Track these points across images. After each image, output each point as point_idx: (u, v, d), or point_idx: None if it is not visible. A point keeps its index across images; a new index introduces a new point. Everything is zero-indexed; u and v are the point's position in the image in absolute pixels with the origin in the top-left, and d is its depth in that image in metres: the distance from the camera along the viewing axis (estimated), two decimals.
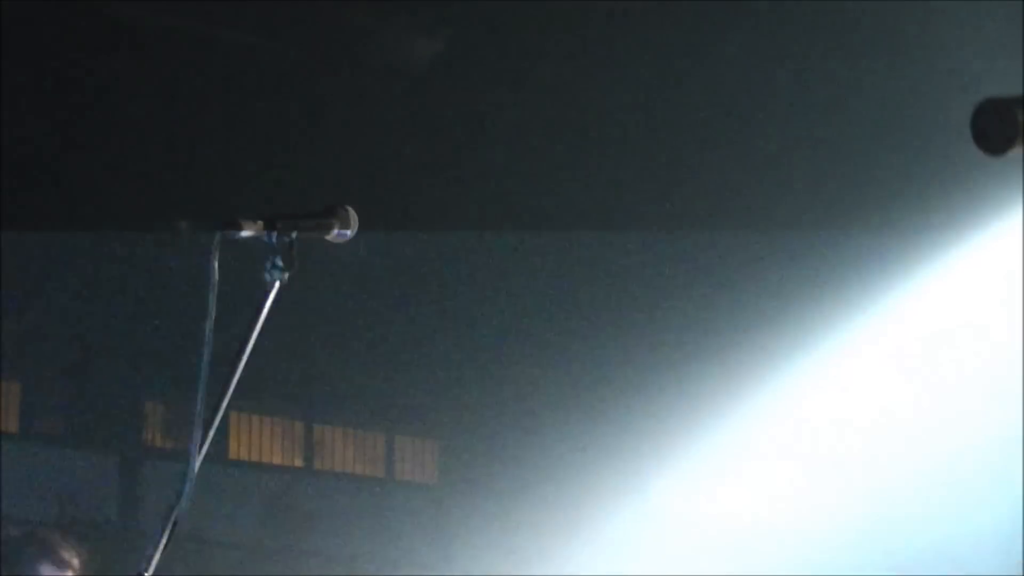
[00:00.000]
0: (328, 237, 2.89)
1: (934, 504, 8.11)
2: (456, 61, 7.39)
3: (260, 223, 2.77)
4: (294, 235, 2.82)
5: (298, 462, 9.69)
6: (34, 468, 8.63)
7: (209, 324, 2.61)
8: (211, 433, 2.67)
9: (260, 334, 2.75)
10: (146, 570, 2.67)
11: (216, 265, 2.63)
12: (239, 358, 2.69)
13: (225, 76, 7.31)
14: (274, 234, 2.79)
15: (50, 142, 7.49)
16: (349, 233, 2.91)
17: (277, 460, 9.63)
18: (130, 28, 7.01)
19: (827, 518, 8.38)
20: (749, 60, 7.36)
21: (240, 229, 2.74)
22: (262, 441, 9.54)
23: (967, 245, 7.91)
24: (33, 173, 7.59)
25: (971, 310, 7.98)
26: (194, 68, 7.24)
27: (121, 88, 7.25)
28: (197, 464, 2.68)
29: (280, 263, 2.78)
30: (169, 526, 2.67)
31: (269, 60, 7.33)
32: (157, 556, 2.67)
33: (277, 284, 2.79)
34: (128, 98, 7.30)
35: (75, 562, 4.69)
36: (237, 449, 9.39)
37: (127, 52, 7.08)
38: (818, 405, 8.43)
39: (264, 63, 7.32)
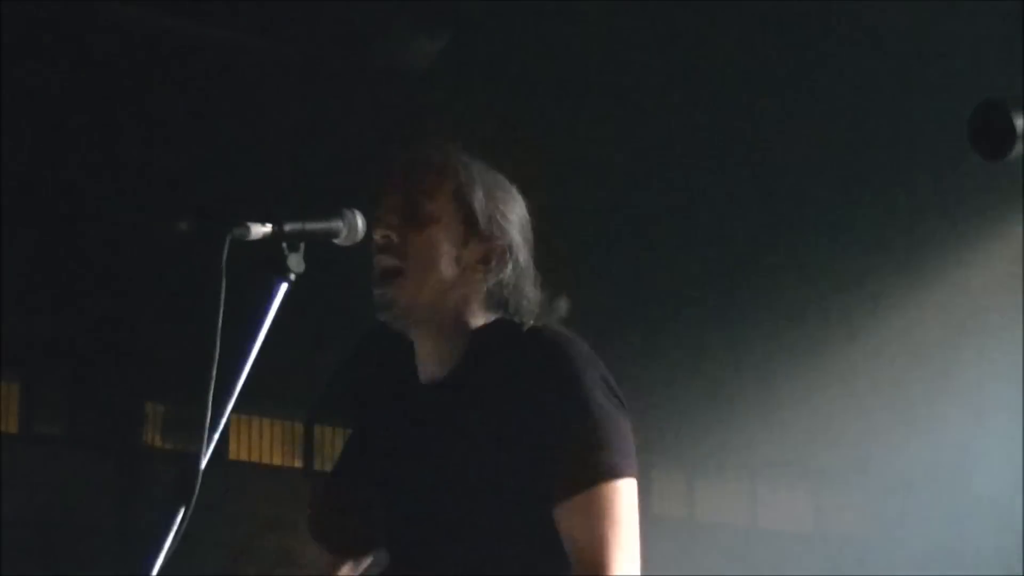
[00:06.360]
0: (336, 240, 2.90)
1: (934, 505, 8.11)
2: (459, 62, 7.39)
3: (268, 225, 2.77)
4: (302, 238, 2.83)
5: (298, 462, 9.69)
6: (34, 468, 8.63)
7: (218, 326, 2.61)
8: (216, 435, 2.68)
9: (264, 336, 2.75)
10: (147, 571, 2.67)
11: (224, 267, 2.63)
12: (245, 360, 2.70)
13: (229, 77, 7.31)
14: (283, 237, 2.80)
15: (51, 142, 7.49)
16: (357, 236, 2.92)
17: (277, 460, 9.63)
18: (131, 29, 7.01)
19: (826, 521, 8.38)
20: (747, 61, 7.37)
21: (248, 231, 2.75)
22: (262, 441, 9.54)
23: (967, 246, 7.92)
24: (34, 173, 7.59)
25: (971, 311, 7.99)
26: (197, 69, 7.24)
27: (123, 88, 7.26)
28: (203, 465, 2.68)
29: (288, 266, 2.79)
30: (172, 527, 2.67)
31: (273, 61, 7.33)
32: (160, 558, 2.66)
33: (284, 287, 2.80)
34: (130, 98, 7.30)
35: None
36: (237, 449, 9.39)
37: (129, 52, 7.08)
38: (818, 407, 8.43)
39: (268, 64, 7.32)
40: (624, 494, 2.93)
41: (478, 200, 3.09)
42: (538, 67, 7.40)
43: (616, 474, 2.93)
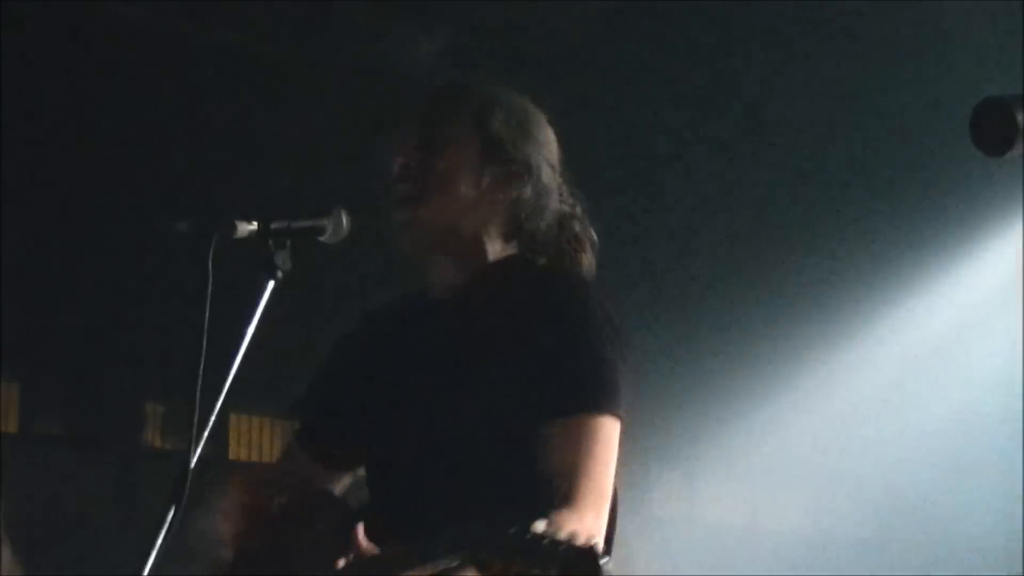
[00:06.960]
0: (321, 238, 2.91)
1: (934, 505, 8.11)
2: (459, 62, 7.40)
3: (255, 224, 2.79)
4: (288, 236, 2.84)
5: None
6: (34, 468, 8.62)
7: (204, 325, 2.62)
8: (205, 434, 2.69)
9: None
10: (143, 570, 2.68)
11: (211, 266, 2.65)
12: (233, 359, 2.71)
13: (228, 77, 7.32)
14: (269, 235, 2.81)
15: (50, 141, 7.50)
16: (342, 234, 2.94)
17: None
18: (129, 28, 7.02)
19: (826, 521, 8.38)
20: (747, 60, 7.37)
21: (235, 230, 2.76)
22: (262, 441, 9.53)
23: (967, 245, 7.92)
24: (33, 173, 7.60)
25: (971, 311, 7.99)
26: (195, 69, 7.25)
27: (120, 88, 7.26)
28: (192, 463, 2.70)
29: (275, 263, 2.80)
30: (166, 526, 2.68)
31: (272, 61, 7.34)
32: (152, 556, 2.67)
33: (271, 284, 2.81)
34: (127, 98, 7.31)
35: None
36: (237, 449, 9.38)
37: (126, 52, 7.09)
38: (818, 407, 8.43)
39: (267, 64, 7.33)
40: (605, 430, 2.94)
41: (497, 122, 3.09)
42: (538, 67, 7.40)
43: (601, 409, 2.94)
